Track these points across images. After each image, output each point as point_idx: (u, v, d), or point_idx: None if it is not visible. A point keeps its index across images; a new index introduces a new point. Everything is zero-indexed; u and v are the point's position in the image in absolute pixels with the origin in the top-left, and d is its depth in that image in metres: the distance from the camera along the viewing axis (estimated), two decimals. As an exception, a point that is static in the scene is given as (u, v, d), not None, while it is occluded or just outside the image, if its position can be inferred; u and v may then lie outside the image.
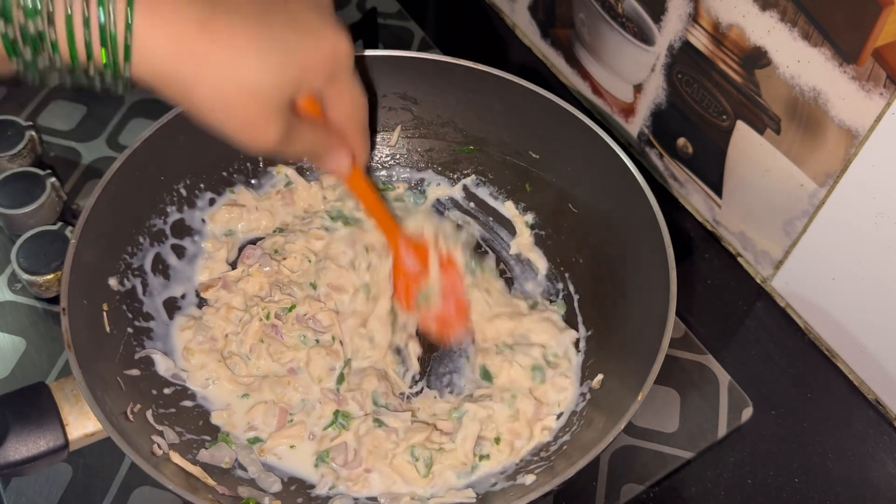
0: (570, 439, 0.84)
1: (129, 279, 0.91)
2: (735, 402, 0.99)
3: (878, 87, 0.81)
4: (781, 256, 1.03)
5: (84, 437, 0.75)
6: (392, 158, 1.10)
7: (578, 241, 1.00)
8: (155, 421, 0.83)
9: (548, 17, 1.26)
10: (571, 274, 1.01)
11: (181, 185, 0.99)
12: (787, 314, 1.06)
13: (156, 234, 0.96)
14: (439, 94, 1.04)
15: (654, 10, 1.03)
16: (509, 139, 1.04)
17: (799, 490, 0.94)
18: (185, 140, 0.95)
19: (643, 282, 0.88)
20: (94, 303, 0.84)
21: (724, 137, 1.02)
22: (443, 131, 1.08)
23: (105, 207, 0.86)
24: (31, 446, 0.72)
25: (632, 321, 0.89)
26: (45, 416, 0.73)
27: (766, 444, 0.97)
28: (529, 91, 0.98)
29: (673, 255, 0.83)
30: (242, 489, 0.81)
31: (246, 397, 0.89)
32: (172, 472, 0.76)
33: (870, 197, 0.87)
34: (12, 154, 1.13)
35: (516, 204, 1.07)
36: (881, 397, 0.99)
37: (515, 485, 0.80)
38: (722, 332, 1.07)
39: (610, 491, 0.92)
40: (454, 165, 1.09)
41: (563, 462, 0.80)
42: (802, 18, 0.85)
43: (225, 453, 0.84)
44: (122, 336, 0.87)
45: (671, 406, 0.99)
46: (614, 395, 0.83)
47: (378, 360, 0.93)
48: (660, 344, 0.78)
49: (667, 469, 0.94)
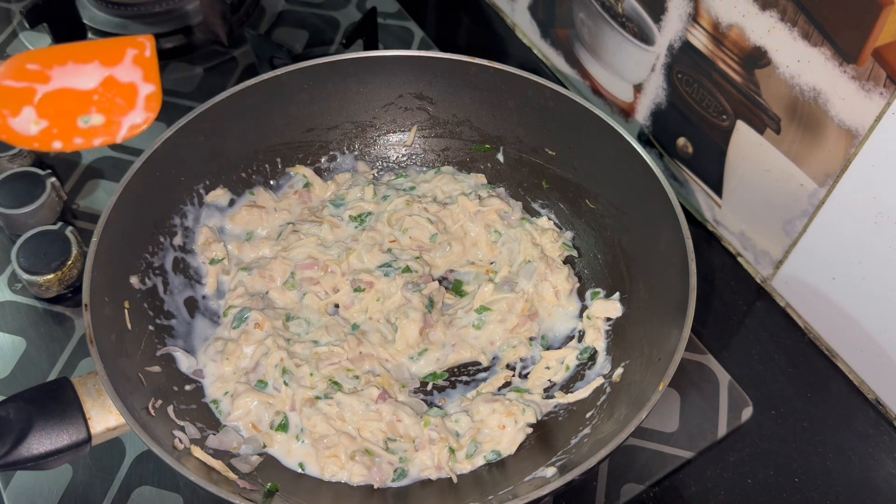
0: (590, 431, 0.84)
1: (151, 278, 0.92)
2: (735, 402, 0.99)
3: (878, 86, 0.81)
4: (781, 256, 1.03)
5: (106, 432, 0.76)
6: (409, 158, 1.11)
7: (595, 235, 1.01)
8: (176, 416, 0.83)
9: (548, 17, 1.26)
10: (591, 269, 1.02)
11: (200, 185, 0.99)
12: (787, 314, 1.06)
13: (176, 234, 0.97)
14: (455, 93, 1.05)
15: (654, 9, 1.03)
16: (525, 136, 1.05)
17: (799, 490, 0.94)
18: (204, 141, 0.96)
19: (662, 274, 0.89)
20: (115, 300, 0.85)
21: (724, 137, 1.02)
22: (458, 130, 1.09)
23: (126, 207, 0.87)
24: (54, 440, 0.73)
25: (651, 313, 0.89)
26: (67, 410, 0.74)
27: (766, 444, 0.97)
28: (545, 87, 0.99)
29: (692, 246, 0.84)
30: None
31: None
32: (195, 466, 0.77)
33: (870, 197, 0.87)
34: (12, 154, 1.13)
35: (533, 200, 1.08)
36: (881, 397, 0.99)
37: (536, 476, 0.80)
38: (722, 332, 1.07)
39: (610, 491, 0.92)
40: (470, 165, 1.10)
41: (584, 453, 0.80)
42: (802, 18, 0.85)
43: (233, 438, 0.85)
44: (143, 333, 0.88)
45: (671, 406, 0.99)
46: (634, 388, 0.84)
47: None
48: (680, 334, 0.78)
49: (667, 469, 0.94)
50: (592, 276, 1.01)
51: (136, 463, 0.92)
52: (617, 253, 0.98)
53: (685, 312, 0.80)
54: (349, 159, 1.10)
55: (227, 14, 1.33)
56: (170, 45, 1.35)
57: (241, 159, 1.03)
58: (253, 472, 0.82)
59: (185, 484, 0.91)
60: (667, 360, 0.78)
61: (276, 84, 1.00)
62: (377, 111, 1.08)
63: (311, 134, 1.07)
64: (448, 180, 1.07)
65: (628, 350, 0.90)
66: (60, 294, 1.05)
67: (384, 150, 1.11)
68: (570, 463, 0.79)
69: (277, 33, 1.40)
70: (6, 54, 1.33)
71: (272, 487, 0.81)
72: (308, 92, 1.03)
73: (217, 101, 0.96)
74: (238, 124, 1.00)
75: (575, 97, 0.97)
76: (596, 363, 0.93)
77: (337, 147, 1.09)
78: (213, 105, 0.96)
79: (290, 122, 1.04)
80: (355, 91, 1.05)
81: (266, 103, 1.01)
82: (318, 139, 1.08)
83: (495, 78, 1.01)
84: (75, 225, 1.10)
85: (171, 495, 0.91)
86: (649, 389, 0.77)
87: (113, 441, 0.93)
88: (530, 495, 0.71)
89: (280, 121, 1.03)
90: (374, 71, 1.04)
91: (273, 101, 1.01)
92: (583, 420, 0.87)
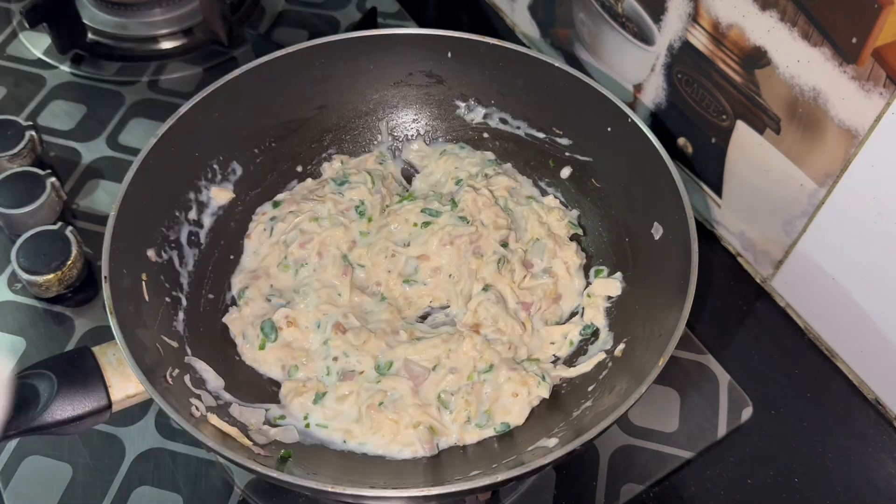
0: (591, 404, 0.85)
1: (167, 251, 0.93)
2: (735, 402, 0.99)
3: (878, 86, 0.81)
4: (781, 256, 1.03)
5: (126, 399, 0.78)
6: (417, 135, 1.12)
7: (601, 214, 1.02)
8: (193, 385, 0.84)
9: (548, 17, 1.26)
10: (595, 246, 1.02)
11: (214, 161, 1.00)
12: (787, 314, 1.06)
13: (190, 209, 0.98)
14: (464, 71, 1.06)
15: (654, 9, 1.03)
16: (532, 115, 1.05)
17: (799, 490, 0.94)
18: (218, 118, 0.97)
19: (665, 253, 0.89)
20: (133, 273, 0.86)
21: (724, 137, 1.02)
22: None
23: (142, 181, 0.88)
24: (76, 406, 0.76)
25: (653, 291, 0.90)
26: (89, 378, 0.77)
27: (766, 444, 0.97)
28: (553, 67, 0.99)
29: (695, 226, 0.84)
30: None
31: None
32: (211, 433, 0.78)
33: (870, 197, 0.87)
34: (12, 154, 1.13)
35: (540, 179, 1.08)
36: (881, 397, 0.99)
37: (539, 446, 0.81)
38: (722, 332, 1.07)
39: (610, 491, 0.92)
40: (478, 143, 1.10)
41: (585, 424, 0.81)
42: (802, 18, 0.85)
43: (251, 415, 0.85)
44: (160, 305, 0.88)
45: (671, 406, 0.99)
46: (635, 363, 0.84)
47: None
48: (681, 312, 0.79)
49: (667, 469, 0.94)
50: (597, 254, 1.02)
51: (136, 463, 0.92)
52: (621, 232, 0.98)
53: (686, 291, 0.80)
54: (360, 137, 1.11)
55: (227, 14, 1.33)
56: (170, 45, 1.35)
57: (254, 135, 1.03)
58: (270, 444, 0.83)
59: (185, 484, 0.91)
60: (667, 337, 0.78)
61: (289, 61, 1.00)
62: (387, 89, 1.09)
63: (322, 111, 1.07)
64: (453, 160, 1.07)
65: (630, 326, 0.91)
66: (60, 294, 1.05)
67: (393, 127, 1.11)
68: (571, 434, 0.80)
69: (277, 33, 1.40)
70: (6, 54, 1.33)
71: (285, 454, 0.82)
72: (320, 69, 1.03)
73: (231, 78, 0.97)
74: (251, 101, 1.00)
75: (583, 77, 0.97)
76: (598, 339, 0.93)
77: (347, 125, 1.09)
78: (227, 82, 0.97)
79: (301, 100, 1.05)
80: (366, 69, 1.06)
81: (278, 80, 1.01)
82: (329, 116, 1.08)
83: (504, 57, 1.02)
84: (75, 225, 1.10)
85: (171, 495, 0.91)
86: (649, 365, 0.78)
87: (113, 441, 0.94)
88: (533, 463, 0.72)
89: (292, 98, 1.04)
90: (385, 49, 1.04)
91: (285, 79, 1.02)
92: (585, 393, 0.87)
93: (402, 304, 0.96)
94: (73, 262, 1.04)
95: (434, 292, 0.97)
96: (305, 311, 0.92)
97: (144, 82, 1.31)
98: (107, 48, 1.34)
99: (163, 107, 1.27)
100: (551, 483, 0.93)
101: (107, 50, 1.34)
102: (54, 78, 1.30)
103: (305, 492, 0.75)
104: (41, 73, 1.31)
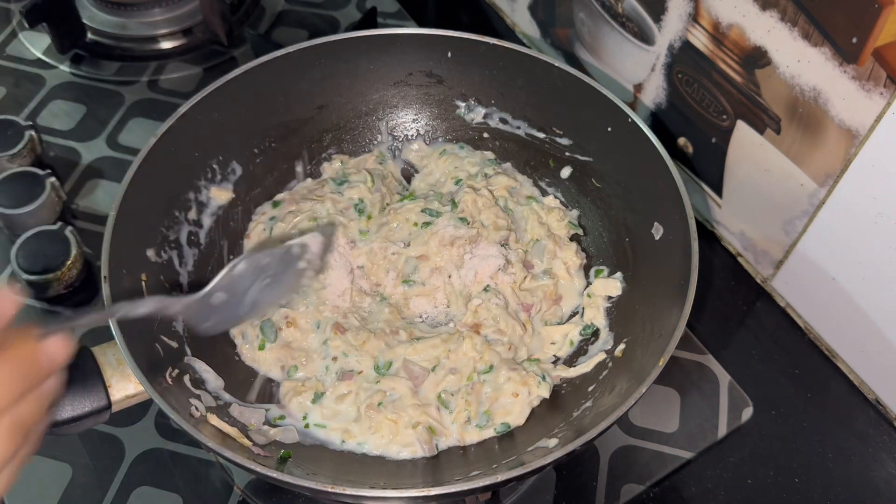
0: (591, 404, 0.85)
1: (166, 251, 0.92)
2: (735, 402, 0.99)
3: (878, 86, 0.81)
4: (781, 256, 1.03)
5: (125, 399, 0.77)
6: (417, 135, 1.12)
7: (601, 214, 1.02)
8: (192, 385, 0.84)
9: (548, 17, 1.26)
10: (596, 246, 1.02)
11: (213, 161, 1.00)
12: (787, 314, 1.06)
13: (190, 209, 0.98)
14: (464, 71, 1.06)
15: (654, 9, 1.03)
16: (533, 115, 1.05)
17: (799, 490, 0.94)
18: (217, 117, 0.96)
19: (665, 252, 0.89)
20: (133, 273, 0.86)
21: (725, 137, 1.02)
22: None
23: (142, 181, 0.88)
24: (76, 406, 0.75)
25: (653, 291, 0.90)
26: (88, 378, 0.76)
27: (766, 444, 0.97)
28: (553, 67, 0.99)
29: (695, 226, 0.84)
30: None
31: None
32: (210, 433, 0.78)
33: (870, 197, 0.87)
34: (12, 154, 1.13)
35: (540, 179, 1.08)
36: (881, 397, 0.99)
37: (539, 447, 0.81)
38: (722, 332, 1.07)
39: (610, 491, 0.92)
40: (478, 143, 1.10)
41: (585, 424, 0.81)
42: (802, 18, 0.85)
43: (251, 416, 0.86)
44: None
45: (671, 406, 0.99)
46: (636, 363, 0.84)
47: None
48: (681, 312, 0.79)
49: (667, 469, 0.94)
50: (597, 255, 1.02)
51: (135, 463, 0.92)
52: (621, 232, 0.98)
53: (686, 291, 0.80)
54: (360, 137, 1.11)
55: (227, 14, 1.33)
56: (169, 45, 1.35)
57: (254, 135, 1.03)
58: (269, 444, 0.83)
59: (185, 484, 0.91)
60: (667, 337, 0.78)
61: (289, 61, 1.00)
62: (387, 89, 1.09)
63: (322, 111, 1.07)
64: (453, 160, 1.07)
65: (631, 327, 0.91)
66: (60, 294, 1.05)
67: (393, 127, 1.11)
68: (571, 434, 0.80)
69: (277, 33, 1.40)
70: (6, 54, 1.33)
71: (285, 454, 0.82)
72: (319, 69, 1.03)
73: (230, 78, 0.97)
74: (250, 101, 1.00)
75: (583, 77, 0.97)
76: (599, 339, 0.93)
77: (347, 124, 1.09)
78: (227, 82, 0.97)
79: (301, 99, 1.05)
80: (366, 69, 1.06)
81: (278, 80, 1.01)
82: (329, 116, 1.08)
83: (504, 57, 1.02)
84: (75, 225, 1.10)
85: (171, 495, 0.91)
86: (650, 365, 0.78)
87: (113, 441, 0.94)
88: (533, 464, 0.72)
89: (292, 97, 1.04)
90: (385, 49, 1.04)
91: (285, 79, 1.02)
92: (585, 393, 0.87)
93: (401, 305, 0.96)
94: (72, 262, 1.04)
95: (434, 292, 0.97)
96: (305, 311, 0.92)
97: (144, 82, 1.31)
98: (106, 48, 1.34)
99: (163, 107, 1.27)
100: (551, 483, 0.93)
101: (106, 50, 1.34)
102: (54, 78, 1.30)
103: (305, 492, 0.75)
104: (41, 73, 1.31)
